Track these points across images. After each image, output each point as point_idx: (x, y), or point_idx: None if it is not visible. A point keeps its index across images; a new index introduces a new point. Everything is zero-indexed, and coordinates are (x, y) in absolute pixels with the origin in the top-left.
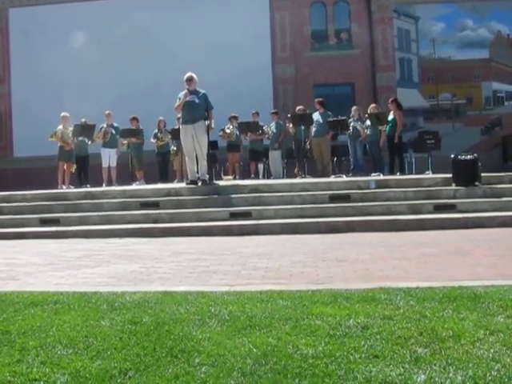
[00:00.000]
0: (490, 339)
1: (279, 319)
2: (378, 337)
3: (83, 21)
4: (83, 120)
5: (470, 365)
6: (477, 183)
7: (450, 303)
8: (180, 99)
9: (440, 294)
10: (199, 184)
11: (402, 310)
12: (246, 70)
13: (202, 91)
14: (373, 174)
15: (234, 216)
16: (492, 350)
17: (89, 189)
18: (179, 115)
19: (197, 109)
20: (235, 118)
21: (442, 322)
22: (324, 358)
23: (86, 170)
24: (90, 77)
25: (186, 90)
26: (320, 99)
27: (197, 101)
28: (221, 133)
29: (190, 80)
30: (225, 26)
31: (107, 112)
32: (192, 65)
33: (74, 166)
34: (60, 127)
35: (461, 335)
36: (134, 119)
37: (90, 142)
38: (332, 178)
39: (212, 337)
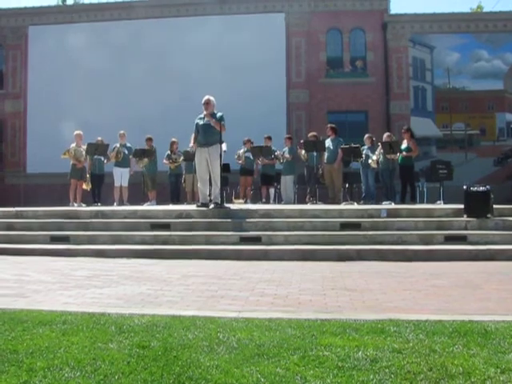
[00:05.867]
0: (501, 378)
1: (288, 349)
2: (387, 371)
3: (100, 40)
4: (99, 138)
5: None
6: (489, 215)
7: (459, 338)
8: (197, 124)
9: (450, 328)
10: (210, 207)
11: (411, 344)
12: (261, 93)
13: (219, 113)
14: (384, 203)
15: (244, 240)
16: None
17: (100, 208)
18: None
19: (212, 132)
20: (248, 141)
21: (452, 358)
22: None
23: (100, 188)
24: (105, 96)
25: (202, 114)
26: (332, 125)
27: (212, 124)
28: (236, 156)
29: (207, 103)
30: (240, 49)
31: (121, 132)
32: (207, 87)
33: (89, 185)
34: (73, 145)
35: (471, 372)
36: (149, 139)
37: (106, 161)
38: (343, 205)
39: (220, 364)
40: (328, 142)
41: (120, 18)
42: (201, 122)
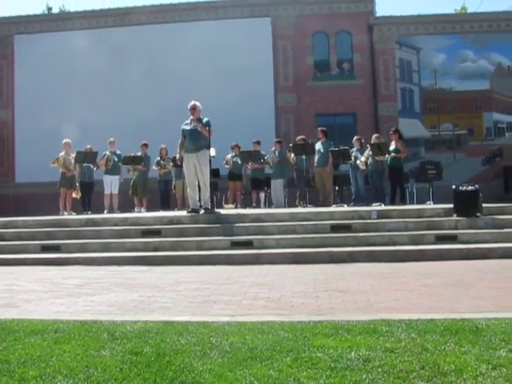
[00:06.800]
0: (493, 374)
1: (280, 351)
2: (380, 370)
3: (88, 48)
4: (88, 146)
5: None
6: (478, 214)
7: (451, 336)
8: (183, 130)
9: (441, 326)
10: (201, 212)
11: (403, 343)
12: (248, 98)
13: (206, 119)
14: (374, 204)
15: (235, 245)
16: None
17: (90, 216)
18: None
19: (199, 138)
20: (236, 146)
21: (444, 356)
22: None
23: (90, 196)
24: (96, 103)
25: (189, 119)
26: (323, 128)
27: (199, 129)
28: (225, 161)
29: (193, 109)
30: (228, 54)
31: (111, 139)
32: (194, 92)
33: (79, 193)
34: (62, 153)
35: (463, 369)
36: (144, 145)
37: (95, 169)
38: (333, 208)
39: (213, 368)
40: (318, 146)
41: (107, 25)
42: (187, 128)
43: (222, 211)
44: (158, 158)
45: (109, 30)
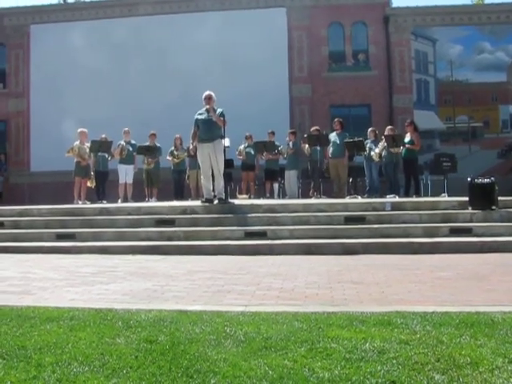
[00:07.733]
0: (509, 368)
1: (295, 341)
2: (395, 362)
3: (102, 38)
4: (103, 136)
5: None
6: (493, 207)
7: (467, 329)
8: (197, 119)
9: (457, 319)
10: (215, 202)
11: (418, 335)
12: (263, 89)
13: (220, 109)
14: (388, 196)
15: (249, 235)
16: None
17: (105, 205)
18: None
19: (214, 127)
20: (250, 137)
21: (460, 349)
22: (340, 382)
23: (104, 185)
24: (107, 93)
25: (203, 109)
26: (340, 119)
27: (214, 119)
28: (237, 152)
29: (209, 98)
30: (242, 45)
31: (126, 129)
32: (208, 83)
33: (94, 182)
34: (77, 143)
35: (479, 363)
36: (153, 135)
37: (110, 158)
38: (347, 199)
39: (227, 358)
40: (334, 137)
41: (122, 15)
42: (201, 117)
43: (236, 201)
44: (172, 148)
45: (121, 21)
